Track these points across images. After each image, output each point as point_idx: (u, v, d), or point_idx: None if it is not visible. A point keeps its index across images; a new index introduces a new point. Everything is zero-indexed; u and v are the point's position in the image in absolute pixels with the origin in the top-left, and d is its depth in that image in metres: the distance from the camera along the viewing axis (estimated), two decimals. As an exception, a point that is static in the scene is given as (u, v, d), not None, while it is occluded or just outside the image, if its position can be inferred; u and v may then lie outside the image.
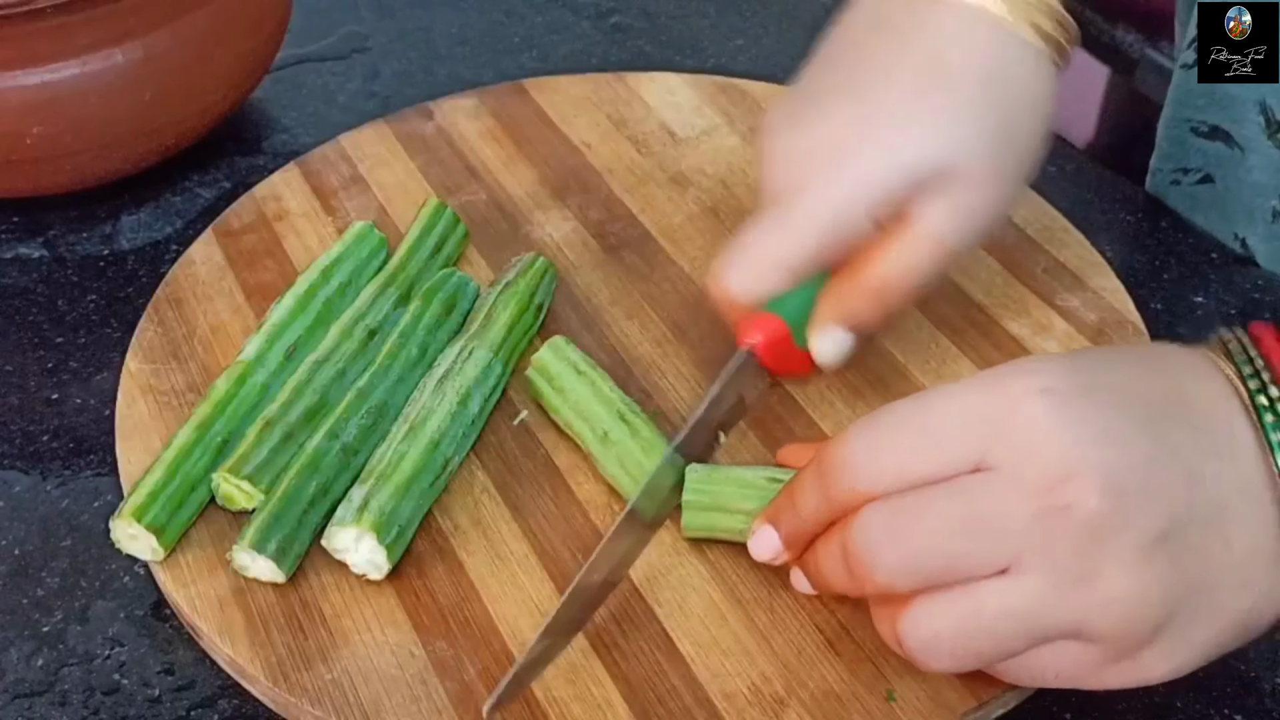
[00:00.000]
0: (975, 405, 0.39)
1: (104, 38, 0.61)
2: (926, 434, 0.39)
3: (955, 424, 0.39)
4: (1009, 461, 0.38)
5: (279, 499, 0.48)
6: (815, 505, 0.42)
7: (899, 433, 0.40)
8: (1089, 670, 0.40)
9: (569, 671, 0.46)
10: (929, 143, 0.49)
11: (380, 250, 0.59)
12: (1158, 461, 0.38)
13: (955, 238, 0.50)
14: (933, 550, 0.39)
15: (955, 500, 0.39)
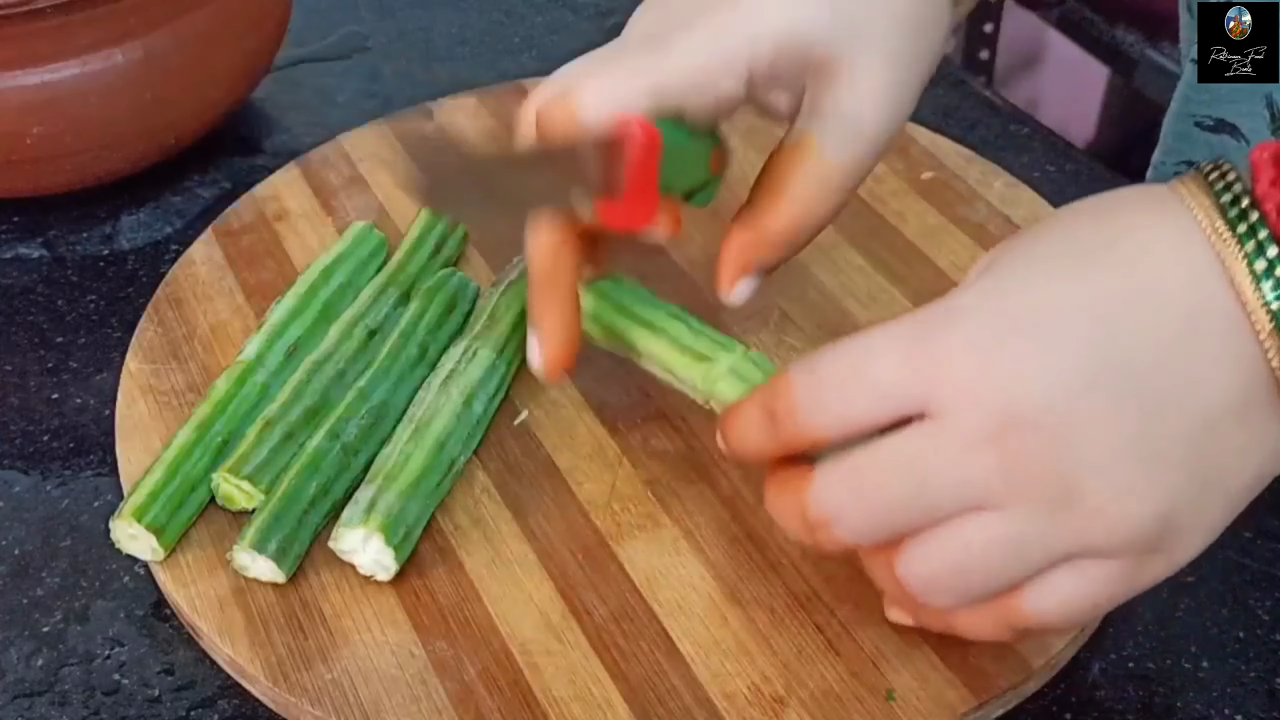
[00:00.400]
0: (907, 357, 0.38)
1: (104, 38, 0.61)
2: (867, 383, 0.39)
3: (892, 375, 0.38)
4: (949, 409, 0.37)
5: (279, 499, 0.48)
6: (761, 442, 0.41)
7: (841, 380, 0.39)
8: (1121, 581, 0.38)
9: (569, 672, 0.46)
10: (832, 21, 0.46)
11: (380, 250, 0.59)
12: (1102, 369, 0.36)
13: (849, 164, 0.48)
14: (895, 508, 0.38)
15: (908, 456, 0.38)
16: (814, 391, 0.40)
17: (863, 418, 0.39)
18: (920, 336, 0.38)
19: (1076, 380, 0.37)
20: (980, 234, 0.62)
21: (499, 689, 0.45)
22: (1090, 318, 0.37)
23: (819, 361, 0.40)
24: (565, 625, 0.47)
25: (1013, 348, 0.37)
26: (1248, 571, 0.50)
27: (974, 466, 0.37)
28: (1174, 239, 0.37)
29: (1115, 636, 0.49)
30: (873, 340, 0.39)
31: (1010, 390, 0.37)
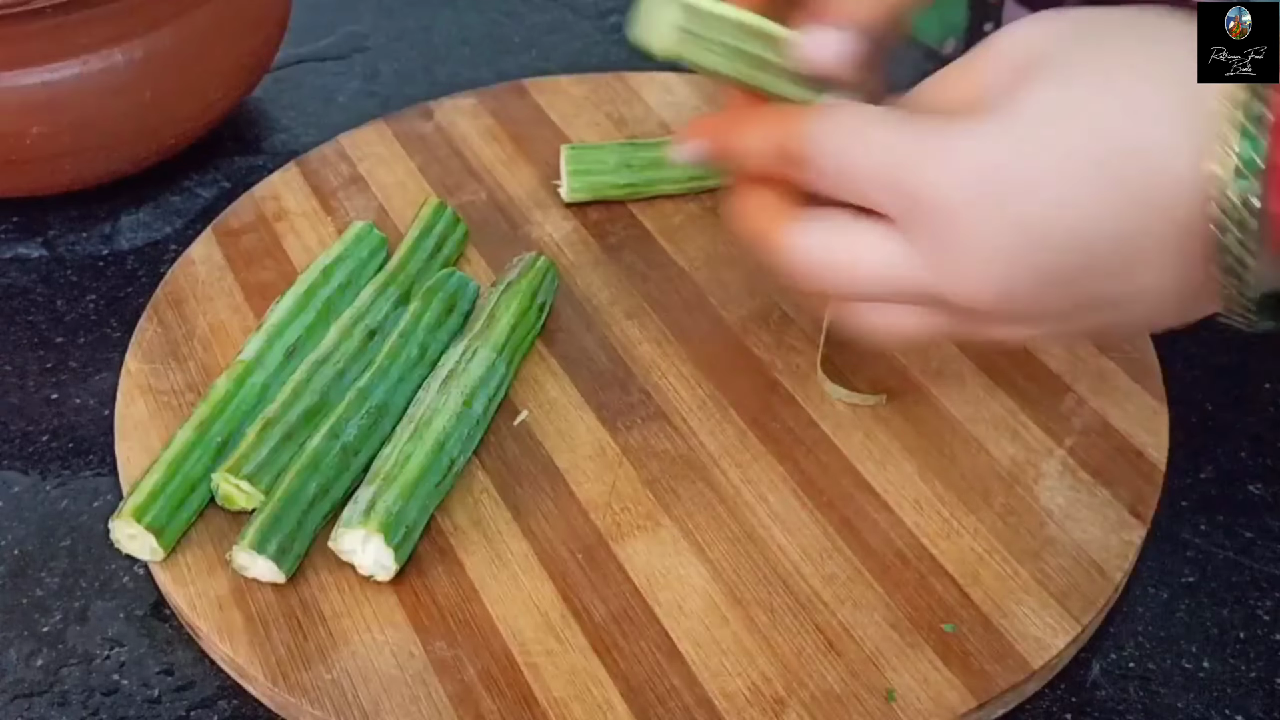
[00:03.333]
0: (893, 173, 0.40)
1: (104, 38, 0.61)
2: (856, 178, 0.41)
3: (881, 181, 0.40)
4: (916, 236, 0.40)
5: (279, 499, 0.48)
6: (756, 158, 0.44)
7: (842, 162, 0.41)
8: (952, 333, 0.42)
9: (569, 672, 0.46)
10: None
11: (380, 250, 0.59)
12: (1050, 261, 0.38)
13: None
14: (837, 281, 0.42)
15: (866, 251, 0.41)
16: (830, 155, 0.41)
17: (838, 197, 0.41)
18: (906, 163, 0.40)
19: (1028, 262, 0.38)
20: (980, 234, 0.62)
21: (499, 689, 0.45)
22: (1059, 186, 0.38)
23: (839, 124, 0.41)
24: (565, 625, 0.47)
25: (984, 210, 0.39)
26: (1248, 571, 0.50)
27: (911, 287, 0.40)
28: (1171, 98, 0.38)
29: (1115, 636, 0.49)
30: (866, 142, 0.41)
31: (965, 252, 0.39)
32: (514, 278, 0.57)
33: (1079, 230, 0.38)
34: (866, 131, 0.41)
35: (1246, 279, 0.37)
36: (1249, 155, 0.36)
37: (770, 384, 0.55)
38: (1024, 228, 0.38)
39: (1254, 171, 0.36)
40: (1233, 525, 0.52)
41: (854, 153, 0.41)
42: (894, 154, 0.40)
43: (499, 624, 0.47)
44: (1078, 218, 0.38)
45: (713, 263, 0.61)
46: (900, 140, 0.40)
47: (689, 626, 0.47)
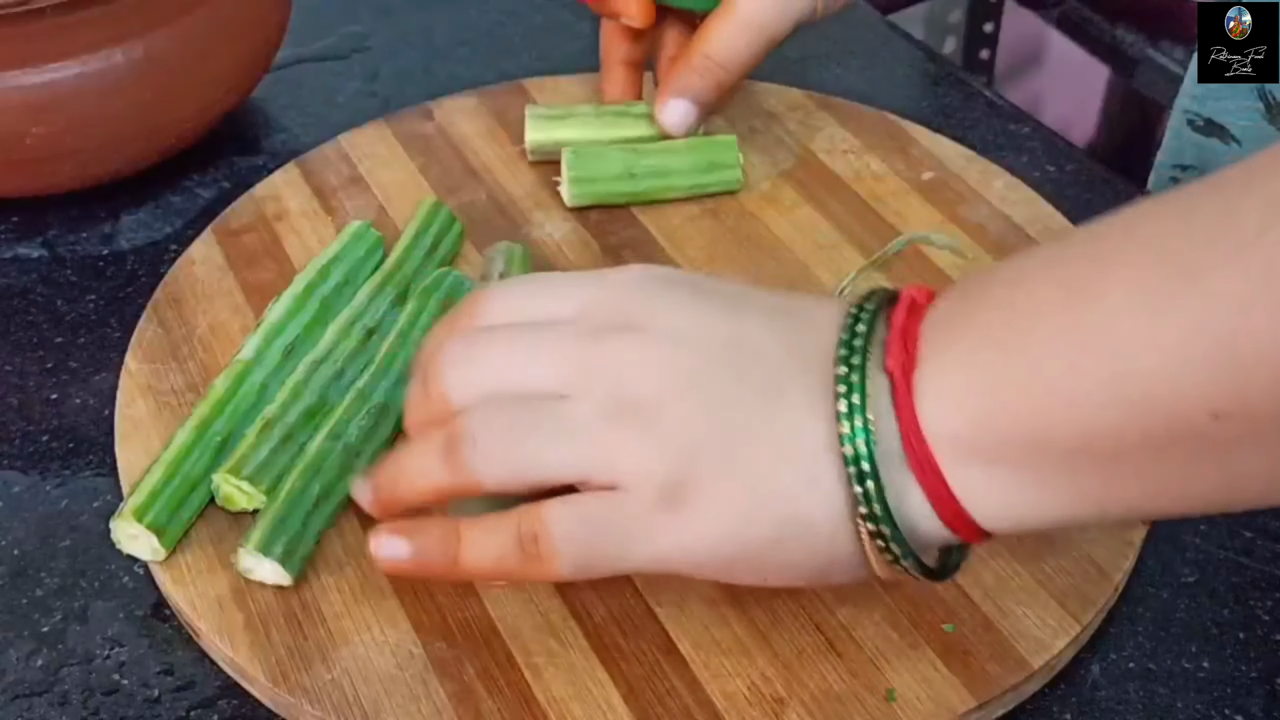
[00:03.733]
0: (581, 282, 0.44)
1: (104, 38, 0.61)
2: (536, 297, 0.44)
3: (562, 287, 0.44)
4: (576, 316, 0.42)
5: (283, 501, 0.48)
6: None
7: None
8: (630, 520, 0.40)
9: (569, 671, 0.46)
10: None
11: (377, 249, 0.59)
12: (729, 311, 0.41)
13: (768, 22, 0.60)
14: (495, 365, 0.42)
15: (523, 329, 0.43)
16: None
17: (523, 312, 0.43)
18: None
19: (693, 320, 0.41)
20: (980, 234, 0.62)
21: (499, 689, 0.45)
22: (737, 302, 0.42)
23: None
24: (565, 625, 0.47)
25: (648, 278, 0.42)
26: (1248, 571, 0.50)
27: (572, 355, 0.41)
28: (824, 313, 0.41)
29: (1115, 636, 0.49)
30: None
31: (629, 297, 0.42)
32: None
33: (734, 308, 0.42)
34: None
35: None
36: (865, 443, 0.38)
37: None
38: (694, 292, 0.42)
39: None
40: (1233, 525, 0.52)
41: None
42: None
43: (499, 624, 0.47)
44: (742, 308, 0.42)
45: (713, 263, 0.61)
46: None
47: (689, 626, 0.47)
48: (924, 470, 0.38)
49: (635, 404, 0.40)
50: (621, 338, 0.40)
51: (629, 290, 0.42)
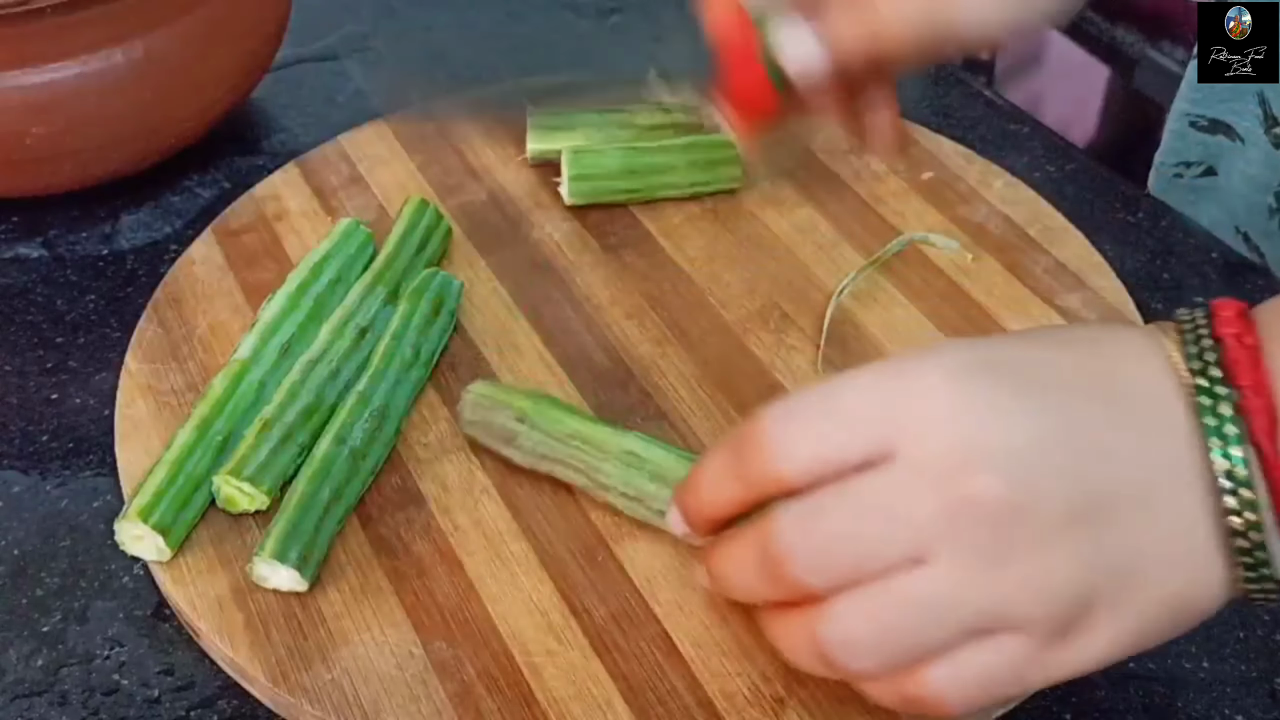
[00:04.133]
0: (882, 389, 0.38)
1: (104, 38, 0.61)
2: (837, 415, 0.39)
3: (863, 407, 0.38)
4: (913, 448, 0.37)
5: (294, 508, 0.48)
6: (729, 488, 0.41)
7: (812, 414, 0.39)
8: (1023, 666, 0.38)
9: (569, 671, 0.46)
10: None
11: (368, 246, 0.59)
12: (1064, 439, 0.37)
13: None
14: (845, 544, 0.38)
15: (870, 497, 0.38)
16: (784, 426, 0.39)
17: (833, 451, 0.38)
18: (898, 367, 0.39)
19: (1042, 430, 0.37)
20: (980, 234, 0.62)
21: (499, 689, 0.45)
22: (1070, 384, 0.38)
23: (792, 397, 0.40)
24: (565, 625, 0.47)
25: (983, 384, 0.37)
26: (1248, 571, 0.50)
27: (925, 507, 0.37)
28: (1147, 371, 0.38)
29: (1115, 636, 0.49)
30: (850, 374, 0.39)
31: (973, 426, 0.37)
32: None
33: (1069, 391, 0.38)
34: (837, 379, 0.39)
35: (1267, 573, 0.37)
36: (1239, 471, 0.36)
37: (770, 384, 0.55)
38: (1027, 394, 0.37)
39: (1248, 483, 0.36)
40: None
41: (830, 389, 0.39)
42: (872, 371, 0.39)
43: (499, 624, 0.47)
44: (1065, 380, 0.38)
45: (713, 263, 0.61)
46: (873, 366, 0.39)
47: (689, 626, 0.47)
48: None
49: (1007, 555, 0.36)
50: (967, 484, 0.36)
51: (946, 417, 0.37)
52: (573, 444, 0.50)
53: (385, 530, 0.50)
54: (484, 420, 0.51)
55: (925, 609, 0.37)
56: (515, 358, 0.57)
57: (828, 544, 0.38)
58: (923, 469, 0.37)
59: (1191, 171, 0.67)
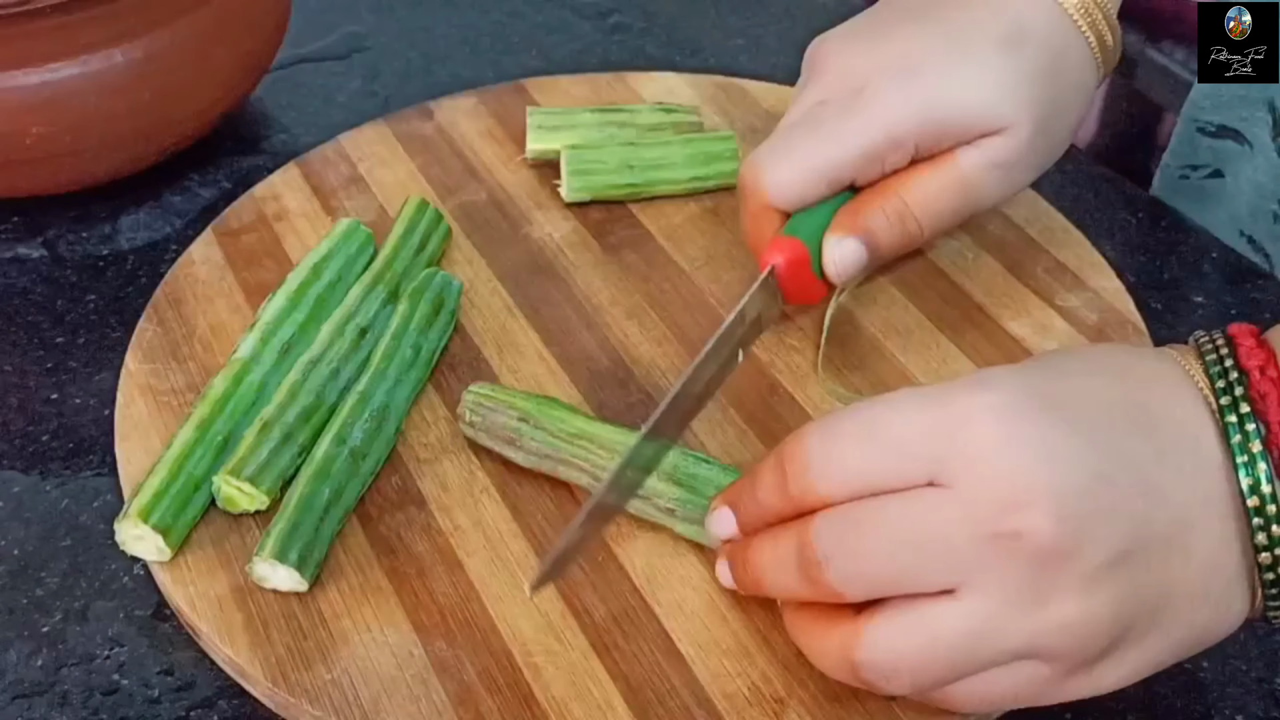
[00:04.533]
0: (928, 418, 0.38)
1: (104, 38, 0.61)
2: (881, 442, 0.39)
3: (909, 435, 0.38)
4: (960, 481, 0.37)
5: (295, 508, 0.48)
6: (773, 498, 0.41)
7: (855, 438, 0.39)
8: (1044, 688, 0.39)
9: (569, 671, 0.46)
10: (998, 90, 0.50)
11: (368, 245, 0.59)
12: (1113, 480, 0.37)
13: (987, 186, 0.52)
14: (884, 560, 0.38)
15: (908, 514, 0.38)
16: (827, 445, 0.39)
17: (875, 475, 0.38)
18: (945, 397, 0.38)
19: (1091, 474, 0.37)
20: (980, 234, 0.62)
21: (499, 689, 0.45)
22: (1113, 421, 0.38)
23: (836, 416, 0.40)
24: (565, 625, 0.47)
25: (1036, 424, 0.37)
26: (1248, 571, 0.50)
27: (970, 539, 0.37)
28: (1185, 404, 0.39)
29: (1115, 636, 0.49)
30: (895, 398, 0.39)
31: (1025, 465, 0.37)
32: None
33: (1116, 427, 0.38)
34: (886, 397, 0.40)
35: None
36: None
37: (770, 384, 0.55)
38: (1077, 431, 0.37)
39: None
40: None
41: (880, 410, 0.39)
42: (923, 395, 0.39)
43: (499, 624, 0.47)
44: (1112, 415, 0.38)
45: (713, 263, 0.61)
46: (924, 389, 0.39)
47: (689, 626, 0.47)
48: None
49: (1048, 595, 0.37)
50: (1015, 520, 0.36)
51: (996, 453, 0.37)
52: (577, 444, 0.50)
53: (385, 530, 0.50)
54: (485, 422, 0.51)
55: (962, 642, 0.38)
56: (515, 358, 0.57)
57: (865, 557, 0.38)
58: (970, 501, 0.37)
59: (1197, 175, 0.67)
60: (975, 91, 0.50)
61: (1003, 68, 0.50)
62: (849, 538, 0.39)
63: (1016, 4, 0.51)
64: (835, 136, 0.51)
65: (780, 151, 0.52)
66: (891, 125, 0.50)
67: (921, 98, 0.50)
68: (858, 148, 0.51)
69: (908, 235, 0.52)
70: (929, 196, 0.51)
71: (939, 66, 0.50)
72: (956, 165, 0.51)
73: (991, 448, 0.37)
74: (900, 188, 0.52)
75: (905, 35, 0.52)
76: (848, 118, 0.51)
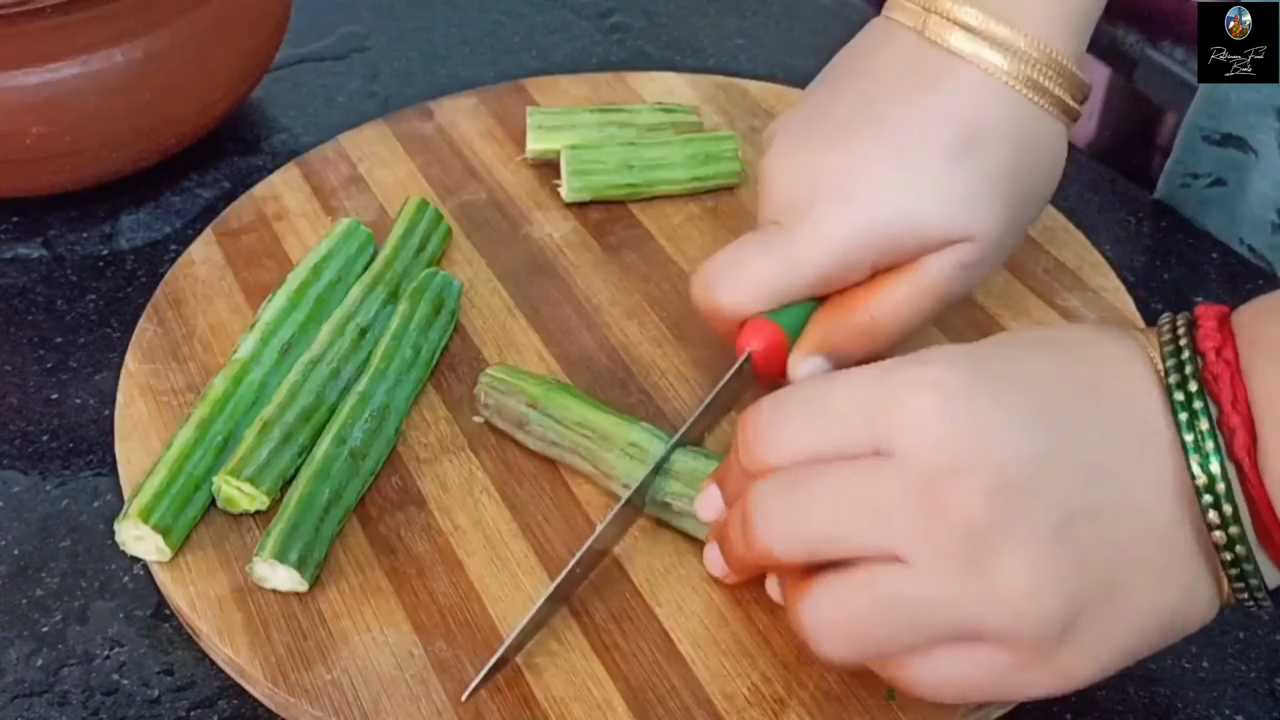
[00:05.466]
0: (870, 391, 0.39)
1: (104, 38, 0.61)
2: (823, 413, 0.39)
3: (849, 406, 0.39)
4: (898, 450, 0.37)
5: (294, 508, 0.48)
6: (734, 479, 0.43)
7: (799, 410, 0.40)
8: (1006, 675, 0.38)
9: (569, 672, 0.46)
10: (953, 205, 0.48)
11: (368, 246, 0.59)
12: (1051, 458, 0.37)
13: (956, 287, 0.50)
14: (817, 524, 0.39)
15: (844, 480, 0.38)
16: (775, 416, 0.40)
17: (819, 444, 0.39)
18: (885, 372, 0.39)
19: (1029, 447, 0.37)
20: (980, 234, 0.62)
21: (499, 689, 0.45)
22: (1058, 397, 0.38)
23: (786, 390, 0.41)
24: (565, 625, 0.47)
25: (975, 398, 0.37)
26: (1248, 571, 0.50)
27: (903, 508, 0.37)
28: (1130, 381, 0.38)
29: (1115, 636, 0.49)
30: (841, 373, 0.40)
31: (961, 436, 0.37)
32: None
33: (1059, 405, 0.38)
34: (834, 375, 0.40)
35: (1253, 581, 0.37)
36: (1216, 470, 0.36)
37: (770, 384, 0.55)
38: (1015, 409, 0.37)
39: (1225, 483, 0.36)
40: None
41: (827, 384, 0.40)
42: (866, 371, 0.39)
43: (499, 624, 0.47)
44: (1057, 394, 0.38)
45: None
46: (868, 367, 0.39)
47: (689, 626, 0.47)
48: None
49: (987, 568, 0.36)
50: (946, 492, 0.36)
51: (933, 425, 0.37)
52: (580, 432, 0.50)
53: (385, 530, 0.50)
54: (499, 404, 0.52)
55: (900, 608, 0.38)
56: (515, 358, 0.57)
57: (797, 517, 0.39)
58: (905, 469, 0.37)
59: (1199, 183, 0.67)
60: (928, 209, 0.48)
61: (955, 180, 0.48)
62: (782, 498, 0.40)
63: (968, 100, 0.48)
64: (786, 262, 0.50)
65: (732, 271, 0.51)
66: (842, 253, 0.49)
67: (870, 223, 0.48)
68: (810, 275, 0.50)
69: (876, 345, 0.50)
70: (896, 306, 0.50)
71: (886, 186, 0.48)
72: (923, 274, 0.49)
73: (929, 419, 0.37)
74: (866, 300, 0.50)
75: (848, 150, 0.49)
76: (797, 245, 0.49)
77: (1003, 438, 0.37)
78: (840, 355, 0.50)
